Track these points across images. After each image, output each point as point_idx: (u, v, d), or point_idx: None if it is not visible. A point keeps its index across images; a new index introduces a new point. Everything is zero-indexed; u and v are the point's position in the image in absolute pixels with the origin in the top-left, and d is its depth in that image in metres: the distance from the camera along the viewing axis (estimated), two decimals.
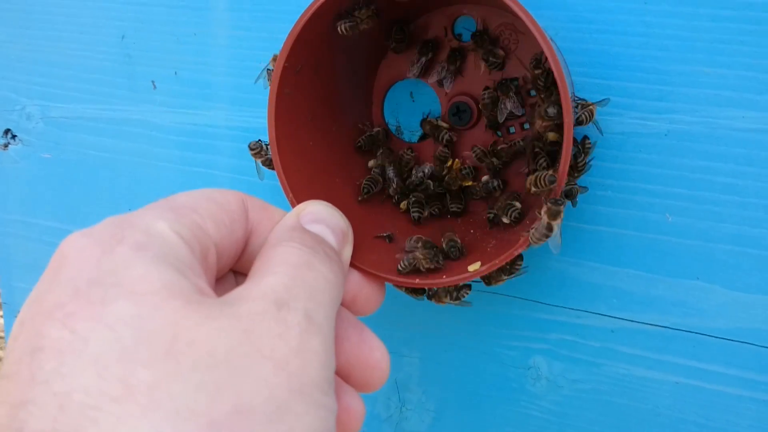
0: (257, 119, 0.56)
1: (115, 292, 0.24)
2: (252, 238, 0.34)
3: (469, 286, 0.46)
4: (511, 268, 0.44)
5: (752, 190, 0.43)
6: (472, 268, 0.40)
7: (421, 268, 0.41)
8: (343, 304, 0.36)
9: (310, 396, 0.26)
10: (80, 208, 0.66)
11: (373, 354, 0.35)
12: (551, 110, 0.40)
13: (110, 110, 0.62)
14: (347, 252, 0.36)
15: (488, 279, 0.45)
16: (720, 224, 0.44)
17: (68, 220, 0.67)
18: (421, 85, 0.51)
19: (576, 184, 0.43)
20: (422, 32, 0.49)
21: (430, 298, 0.45)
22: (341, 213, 0.37)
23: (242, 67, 0.56)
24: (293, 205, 0.40)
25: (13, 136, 0.67)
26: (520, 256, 0.44)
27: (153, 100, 0.60)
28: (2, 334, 2.04)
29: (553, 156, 0.43)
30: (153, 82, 0.59)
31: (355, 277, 0.38)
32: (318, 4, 0.40)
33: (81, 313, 0.24)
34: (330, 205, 0.37)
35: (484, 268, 0.40)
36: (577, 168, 0.43)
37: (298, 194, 0.41)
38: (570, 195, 0.41)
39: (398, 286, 0.44)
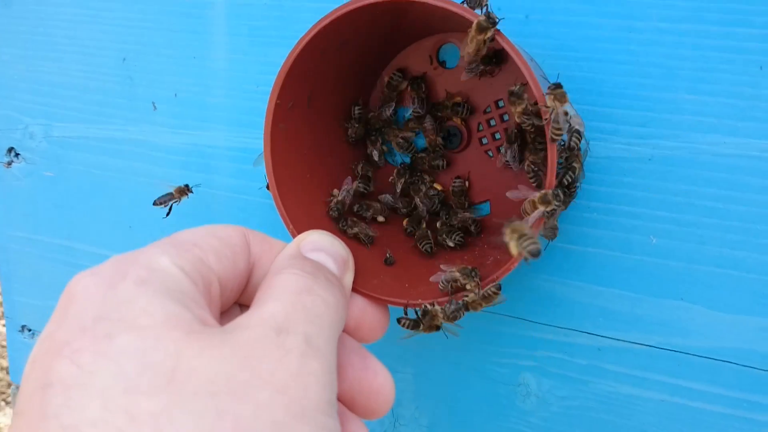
0: (255, 140, 0.57)
1: (120, 327, 0.25)
2: (255, 271, 0.35)
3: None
4: (453, 314, 0.43)
5: (734, 214, 0.44)
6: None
7: (460, 283, 0.42)
8: (347, 330, 0.37)
9: (312, 419, 0.26)
10: (82, 224, 0.67)
11: (377, 379, 0.36)
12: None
13: (111, 130, 0.63)
14: (348, 278, 0.37)
15: (430, 327, 0.44)
16: (702, 246, 0.45)
17: (70, 237, 0.68)
18: None
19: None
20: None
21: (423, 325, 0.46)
22: (341, 241, 0.38)
23: (240, 90, 0.57)
24: (294, 236, 0.41)
25: (17, 155, 0.69)
26: (465, 306, 0.44)
27: (153, 120, 0.61)
28: (4, 343, 2.05)
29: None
30: (153, 103, 0.61)
31: (359, 302, 0.39)
32: (305, 41, 0.41)
33: (87, 348, 0.25)
34: (330, 234, 0.38)
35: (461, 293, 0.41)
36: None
37: (297, 224, 0.42)
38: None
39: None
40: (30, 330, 0.73)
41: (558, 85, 0.39)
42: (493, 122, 0.49)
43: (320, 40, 0.42)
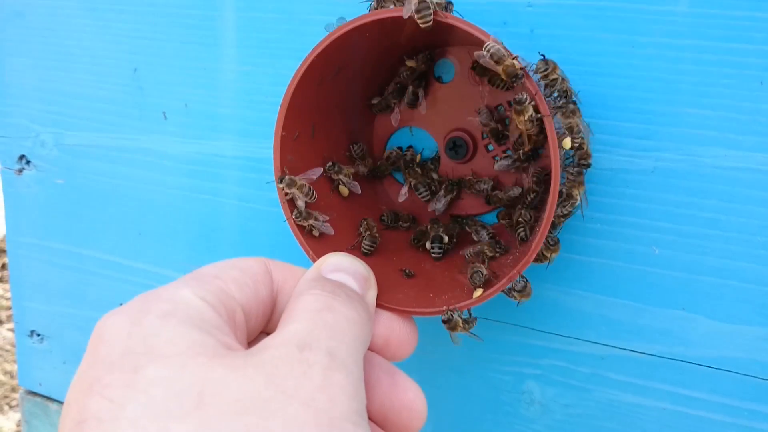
0: (263, 150, 0.58)
1: (146, 359, 0.26)
2: (279, 298, 0.36)
3: (475, 319, 0.46)
4: (465, 325, 0.45)
5: (734, 226, 0.45)
6: (476, 294, 0.42)
7: (486, 255, 0.44)
8: (375, 349, 0.38)
9: (341, 429, 0.27)
10: (91, 232, 0.68)
11: (407, 395, 0.36)
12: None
13: (122, 139, 0.64)
14: (371, 295, 0.38)
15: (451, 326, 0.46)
16: (704, 257, 0.46)
17: (80, 244, 0.69)
18: (419, 121, 0.53)
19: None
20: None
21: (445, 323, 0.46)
22: (362, 261, 0.39)
23: (249, 101, 0.58)
24: (312, 260, 0.42)
25: (28, 162, 0.70)
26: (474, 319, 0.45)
27: (163, 130, 0.62)
28: (7, 348, 2.06)
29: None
30: (164, 113, 0.62)
31: (384, 318, 0.39)
32: (301, 72, 0.42)
33: (117, 383, 0.26)
34: (349, 255, 0.39)
35: (488, 293, 0.42)
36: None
37: (316, 250, 0.43)
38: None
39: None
40: (39, 335, 0.74)
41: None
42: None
43: (316, 69, 0.42)
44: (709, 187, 0.45)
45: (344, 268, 0.37)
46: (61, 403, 0.75)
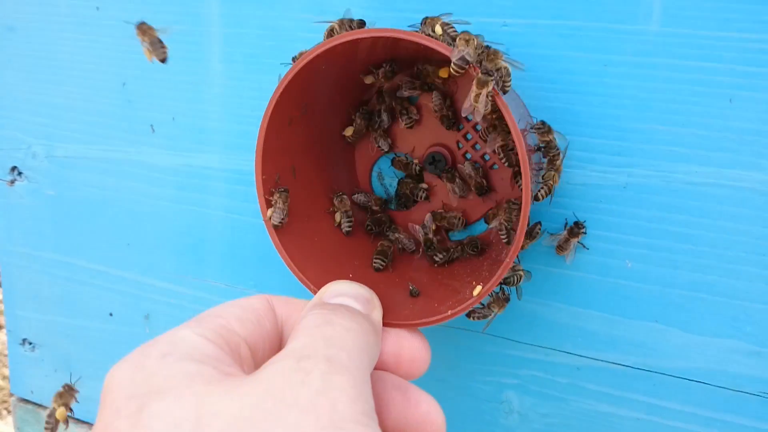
0: (248, 162, 0.59)
1: (148, 398, 0.27)
2: (284, 331, 0.36)
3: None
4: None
5: (705, 240, 0.46)
6: (476, 292, 0.43)
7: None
8: (388, 368, 0.38)
9: (345, 430, 0.26)
10: (81, 242, 0.69)
11: (419, 408, 0.36)
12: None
13: (111, 151, 0.65)
14: (376, 315, 0.38)
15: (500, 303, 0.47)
16: (676, 271, 0.47)
17: (70, 254, 0.70)
18: (398, 144, 0.54)
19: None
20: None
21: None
22: (363, 285, 0.39)
23: (235, 114, 0.59)
24: (311, 290, 0.42)
25: (20, 173, 0.71)
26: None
27: (151, 142, 0.63)
28: (6, 352, 2.08)
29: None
30: (152, 126, 0.63)
31: (393, 335, 0.39)
32: (267, 117, 0.42)
33: (123, 425, 0.27)
34: (349, 281, 0.39)
35: (485, 289, 0.42)
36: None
37: (313, 280, 0.43)
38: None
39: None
40: (31, 343, 0.75)
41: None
42: (469, 136, 0.51)
43: (281, 111, 0.43)
44: (681, 202, 0.46)
45: (345, 292, 0.38)
46: None
